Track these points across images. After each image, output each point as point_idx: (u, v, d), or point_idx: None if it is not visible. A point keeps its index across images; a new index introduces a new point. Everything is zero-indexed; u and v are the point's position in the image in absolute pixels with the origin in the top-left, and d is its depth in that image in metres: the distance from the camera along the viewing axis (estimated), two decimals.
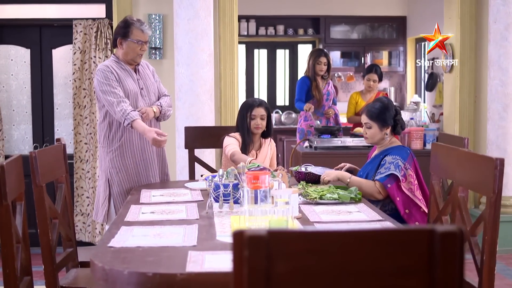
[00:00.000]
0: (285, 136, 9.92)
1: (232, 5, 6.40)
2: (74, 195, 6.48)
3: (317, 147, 6.51)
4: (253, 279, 1.45)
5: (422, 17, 9.50)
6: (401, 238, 1.49)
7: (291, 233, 1.49)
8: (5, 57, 6.60)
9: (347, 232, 1.50)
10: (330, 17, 10.30)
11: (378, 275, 1.48)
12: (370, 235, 1.49)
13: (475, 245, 3.08)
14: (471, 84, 6.69)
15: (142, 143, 4.59)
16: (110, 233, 3.05)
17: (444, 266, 1.46)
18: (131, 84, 4.55)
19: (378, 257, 1.48)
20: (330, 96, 7.34)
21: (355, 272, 1.48)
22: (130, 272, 2.44)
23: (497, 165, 2.84)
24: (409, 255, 1.48)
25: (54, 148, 3.78)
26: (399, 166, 4.05)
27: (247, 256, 1.44)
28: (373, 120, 4.20)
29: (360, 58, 10.44)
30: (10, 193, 2.95)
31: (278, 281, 1.47)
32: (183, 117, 5.86)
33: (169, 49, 6.34)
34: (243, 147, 4.66)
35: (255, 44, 10.68)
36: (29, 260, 3.21)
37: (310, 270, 1.47)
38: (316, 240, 1.48)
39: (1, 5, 6.55)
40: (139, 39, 4.50)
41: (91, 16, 6.42)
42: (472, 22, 6.62)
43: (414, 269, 1.48)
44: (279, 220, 2.92)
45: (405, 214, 4.08)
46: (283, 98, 10.77)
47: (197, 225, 3.24)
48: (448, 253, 1.46)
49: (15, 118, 6.63)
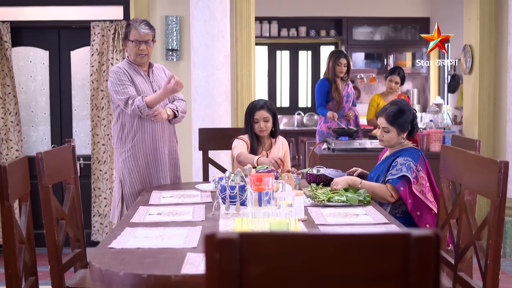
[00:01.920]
0: (307, 138, 9.90)
1: (249, 7, 6.38)
2: (92, 196, 6.52)
3: (334, 149, 6.47)
4: (225, 282, 1.44)
5: (445, 18, 9.40)
6: (376, 242, 1.47)
7: (264, 236, 1.48)
8: (24, 59, 6.65)
9: (320, 235, 1.48)
10: (353, 18, 10.25)
11: (352, 279, 1.46)
12: (344, 238, 1.47)
13: (480, 249, 3.03)
14: (490, 85, 6.61)
15: (154, 144, 4.63)
16: (113, 234, 3.06)
17: (419, 271, 1.43)
18: (144, 86, 4.60)
19: (353, 261, 1.46)
20: (350, 97, 7.29)
21: (329, 276, 1.46)
22: (126, 273, 2.44)
23: (501, 168, 2.79)
24: (385, 259, 1.46)
25: (62, 149, 3.80)
26: (411, 168, 4.01)
27: (218, 259, 1.43)
28: (392, 125, 4.13)
29: (383, 59, 10.38)
30: (14, 194, 2.97)
31: (251, 284, 1.45)
32: (199, 119, 5.87)
33: (186, 50, 6.35)
34: (252, 150, 4.65)
35: (277, 46, 10.67)
36: (34, 260, 3.23)
37: (283, 273, 1.46)
38: (289, 243, 1.46)
39: (21, 7, 6.61)
40: (135, 39, 4.56)
41: (109, 18, 6.45)
42: (491, 23, 6.54)
43: (390, 274, 1.46)
44: (280, 223, 2.90)
45: (416, 216, 4.03)
46: (305, 99, 10.73)
47: (201, 226, 3.24)
48: (423, 257, 1.43)
49: (33, 119, 6.69)
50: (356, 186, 4.03)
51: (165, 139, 4.69)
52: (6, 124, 6.43)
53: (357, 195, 3.80)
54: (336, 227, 3.24)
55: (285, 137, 4.90)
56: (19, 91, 6.59)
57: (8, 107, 6.42)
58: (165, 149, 4.68)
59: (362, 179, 4.28)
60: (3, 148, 6.44)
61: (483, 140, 6.62)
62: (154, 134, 4.62)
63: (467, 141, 4.78)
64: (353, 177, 4.14)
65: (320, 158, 6.32)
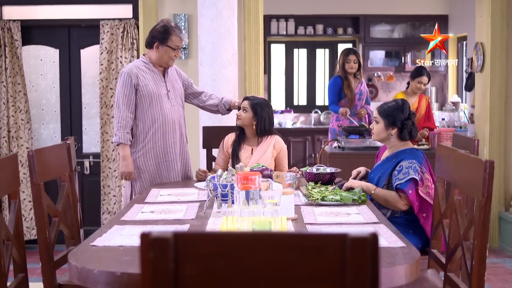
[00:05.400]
0: (324, 136, 9.84)
1: (257, 5, 6.37)
2: (101, 193, 6.56)
3: (344, 148, 6.44)
4: (159, 281, 1.43)
5: (463, 16, 9.30)
6: (313, 242, 1.45)
7: (198, 235, 1.47)
8: (34, 57, 6.71)
9: (256, 235, 1.47)
10: (370, 16, 10.18)
11: (288, 280, 1.44)
12: (281, 238, 1.46)
13: (467, 250, 2.98)
14: (502, 83, 6.51)
15: (165, 145, 4.69)
16: (100, 232, 3.07)
17: (355, 272, 1.41)
18: (157, 86, 4.66)
19: (289, 262, 1.44)
20: (362, 95, 7.24)
21: (266, 276, 1.44)
22: (100, 271, 2.45)
23: (487, 167, 2.75)
24: (321, 260, 1.44)
25: (56, 146, 3.82)
26: (417, 170, 3.96)
27: (152, 257, 1.42)
28: (381, 116, 4.14)
29: (401, 57, 10.29)
30: (0, 191, 2.99)
31: (186, 284, 1.44)
32: (206, 117, 5.87)
33: (194, 49, 6.36)
34: (238, 141, 4.75)
35: (295, 44, 10.63)
36: (23, 257, 3.25)
37: (219, 273, 1.45)
38: (224, 242, 1.45)
39: (31, 6, 6.67)
40: (177, 45, 4.65)
41: (118, 17, 6.48)
42: (503, 20, 6.44)
43: (326, 275, 1.44)
44: (263, 222, 2.89)
45: (422, 218, 3.99)
46: (322, 98, 10.68)
47: (189, 225, 3.24)
48: (360, 258, 1.41)
49: (44, 117, 6.75)
50: (369, 193, 4.01)
51: (176, 139, 4.74)
52: (16, 122, 6.49)
53: (351, 194, 3.77)
54: (324, 226, 3.21)
55: (301, 136, 4.93)
56: (29, 89, 6.65)
57: (18, 105, 6.49)
58: (176, 149, 4.74)
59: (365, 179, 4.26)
60: (13, 146, 6.50)
61: (494, 138, 6.54)
62: (165, 135, 4.68)
63: (467, 140, 4.72)
64: (369, 184, 4.09)
65: (330, 156, 6.29)
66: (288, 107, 10.53)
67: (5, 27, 6.44)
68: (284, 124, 9.95)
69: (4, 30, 6.43)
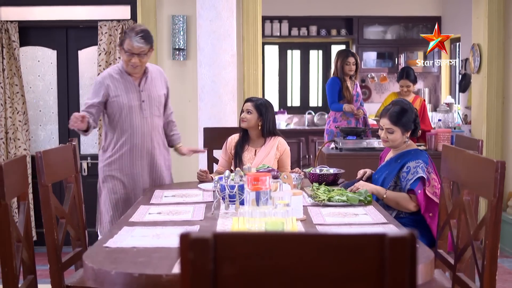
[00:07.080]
0: (317, 137, 9.85)
1: (256, 6, 6.37)
2: None
3: (342, 149, 6.45)
4: (199, 282, 1.44)
5: (457, 17, 9.35)
6: (351, 243, 1.46)
7: (237, 236, 1.47)
8: (32, 58, 6.69)
9: (295, 235, 1.47)
10: (364, 18, 10.21)
11: (326, 280, 1.45)
12: (319, 239, 1.47)
13: (478, 250, 3.00)
14: (498, 85, 6.56)
15: (132, 158, 4.56)
16: (110, 233, 3.08)
17: (394, 272, 1.42)
18: (128, 97, 4.48)
19: (327, 262, 1.45)
20: (359, 97, 7.28)
21: (303, 276, 1.45)
22: (117, 272, 2.45)
23: (498, 167, 2.77)
24: (359, 260, 1.45)
25: (63, 148, 3.81)
26: (424, 169, 3.97)
27: (192, 258, 1.43)
28: (396, 125, 4.09)
29: (394, 58, 10.33)
30: (10, 193, 2.98)
31: (225, 284, 1.45)
32: (205, 118, 5.88)
33: (192, 50, 6.36)
34: (241, 142, 4.72)
35: (288, 45, 10.65)
36: (32, 258, 3.25)
37: (257, 273, 1.45)
38: (262, 243, 1.45)
39: (29, 7, 6.64)
40: (128, 49, 4.37)
41: (116, 18, 6.46)
42: (500, 22, 6.49)
43: (364, 274, 1.45)
44: (276, 222, 2.89)
45: (429, 217, 4.00)
46: (316, 99, 10.71)
47: (199, 226, 3.24)
48: (398, 258, 1.42)
49: (41, 119, 6.72)
50: (380, 197, 4.01)
51: (143, 153, 4.57)
52: (14, 123, 6.46)
53: (357, 195, 3.78)
54: (333, 227, 3.23)
55: (295, 137, 4.92)
56: (27, 90, 6.63)
57: (16, 107, 6.46)
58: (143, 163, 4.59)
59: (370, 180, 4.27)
60: (11, 147, 6.48)
61: (491, 139, 6.58)
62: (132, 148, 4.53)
63: (470, 140, 4.75)
64: (379, 187, 4.09)
65: (328, 157, 6.30)
66: (282, 108, 10.54)
67: (2, 28, 6.41)
68: (278, 125, 9.94)
69: (1, 31, 6.41)
